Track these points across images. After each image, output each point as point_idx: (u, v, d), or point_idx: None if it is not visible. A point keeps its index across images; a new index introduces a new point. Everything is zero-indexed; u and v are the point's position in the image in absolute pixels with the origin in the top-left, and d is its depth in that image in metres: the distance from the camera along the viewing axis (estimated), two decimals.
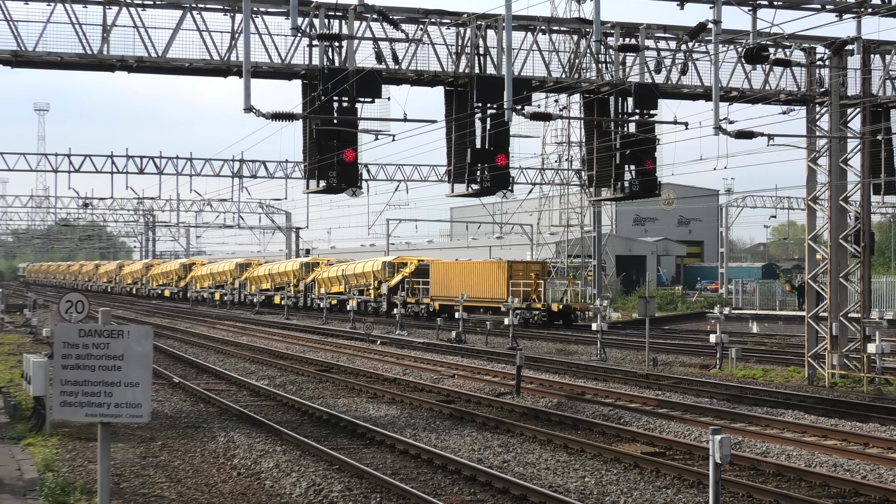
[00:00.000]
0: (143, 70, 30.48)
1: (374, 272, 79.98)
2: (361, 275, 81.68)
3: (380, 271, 79.40)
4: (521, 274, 65.65)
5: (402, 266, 79.01)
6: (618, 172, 33.43)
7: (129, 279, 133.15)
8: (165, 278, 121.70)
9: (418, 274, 75.97)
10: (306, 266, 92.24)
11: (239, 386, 34.83)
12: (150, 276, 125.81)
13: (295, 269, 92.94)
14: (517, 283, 64.95)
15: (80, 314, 26.95)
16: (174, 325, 66.56)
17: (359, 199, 70.30)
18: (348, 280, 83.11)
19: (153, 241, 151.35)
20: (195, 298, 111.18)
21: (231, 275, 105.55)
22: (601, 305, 47.85)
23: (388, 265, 79.57)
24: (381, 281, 78.52)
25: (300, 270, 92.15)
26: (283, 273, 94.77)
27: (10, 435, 23.60)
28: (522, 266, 67.07)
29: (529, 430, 24.71)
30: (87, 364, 12.54)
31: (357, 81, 29.91)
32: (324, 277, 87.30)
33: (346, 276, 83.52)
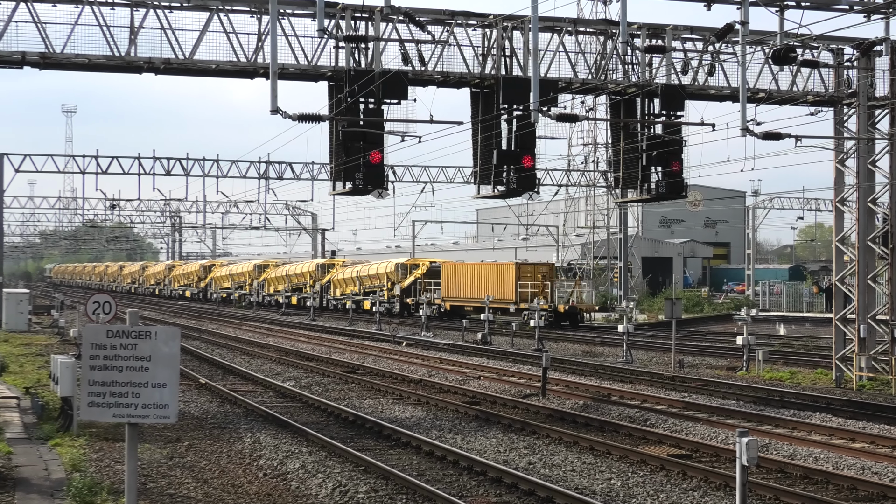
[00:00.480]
0: (170, 72, 30.59)
1: (387, 273, 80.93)
2: (375, 276, 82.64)
3: (393, 272, 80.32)
4: (529, 275, 66.53)
5: (415, 267, 79.92)
6: (644, 174, 33.34)
7: (152, 280, 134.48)
8: (186, 279, 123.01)
9: (430, 275, 77.00)
10: (322, 267, 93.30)
11: (265, 387, 34.91)
12: (172, 277, 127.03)
13: (311, 271, 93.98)
14: (525, 284, 65.84)
15: (107, 315, 27.06)
16: (200, 326, 66.77)
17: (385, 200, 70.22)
18: (363, 281, 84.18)
19: (179, 242, 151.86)
20: (215, 299, 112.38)
21: (249, 276, 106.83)
22: (627, 307, 47.71)
23: (400, 266, 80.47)
24: (394, 282, 79.48)
25: (316, 272, 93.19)
26: (300, 274, 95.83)
27: (38, 435, 23.72)
28: (530, 268, 68.01)
29: (555, 432, 24.68)
30: (114, 365, 12.59)
31: (383, 83, 29.94)
32: (339, 279, 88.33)
33: (361, 277, 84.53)
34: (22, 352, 46.89)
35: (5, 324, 61.62)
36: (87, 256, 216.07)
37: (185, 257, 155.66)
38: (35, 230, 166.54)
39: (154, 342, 12.59)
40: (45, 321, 69.23)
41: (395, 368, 39.73)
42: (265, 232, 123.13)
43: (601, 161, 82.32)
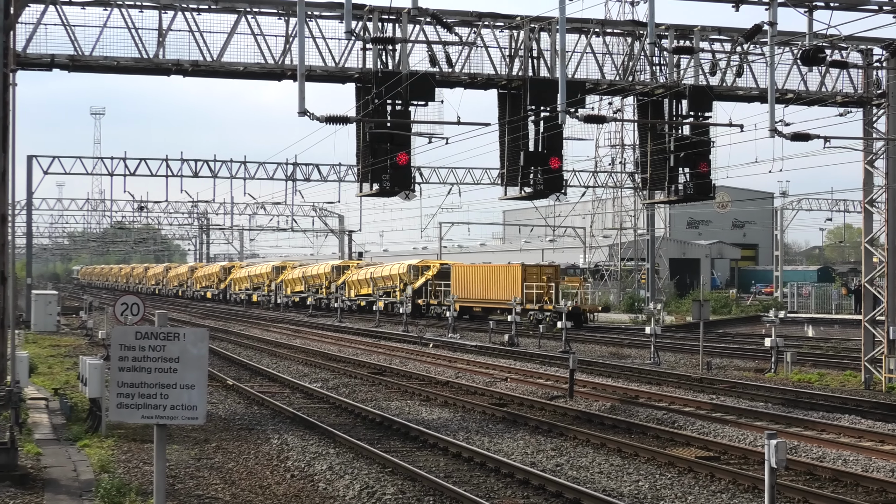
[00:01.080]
0: (198, 74, 30.69)
1: (399, 275, 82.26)
2: (388, 277, 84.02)
3: (405, 274, 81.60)
4: (535, 277, 67.75)
5: (426, 269, 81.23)
6: (672, 175, 33.26)
7: (175, 282, 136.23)
8: (207, 281, 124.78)
9: (440, 277, 78.40)
10: (337, 269, 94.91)
11: (292, 388, 34.98)
12: (194, 279, 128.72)
13: (327, 272, 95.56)
14: (531, 285, 66.98)
15: (135, 317, 27.17)
16: (228, 328, 66.97)
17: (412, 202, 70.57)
18: (376, 282, 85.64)
19: (207, 244, 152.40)
20: (234, 300, 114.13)
21: (267, 277, 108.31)
22: (654, 309, 47.56)
23: (412, 268, 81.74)
24: (406, 283, 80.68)
25: (332, 273, 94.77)
26: (316, 276, 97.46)
27: (67, 436, 23.84)
28: (536, 269, 69.26)
29: (583, 434, 24.64)
30: (143, 366, 12.66)
31: (410, 85, 29.97)
32: (353, 280, 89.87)
33: (374, 278, 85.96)
34: (50, 353, 47.13)
35: (34, 325, 61.99)
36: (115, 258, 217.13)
37: (212, 259, 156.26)
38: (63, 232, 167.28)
39: (182, 344, 12.65)
40: (73, 323, 69.56)
41: (422, 370, 39.76)
42: (292, 234, 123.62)
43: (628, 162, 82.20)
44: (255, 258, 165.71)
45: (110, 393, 12.90)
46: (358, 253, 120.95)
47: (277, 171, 79.84)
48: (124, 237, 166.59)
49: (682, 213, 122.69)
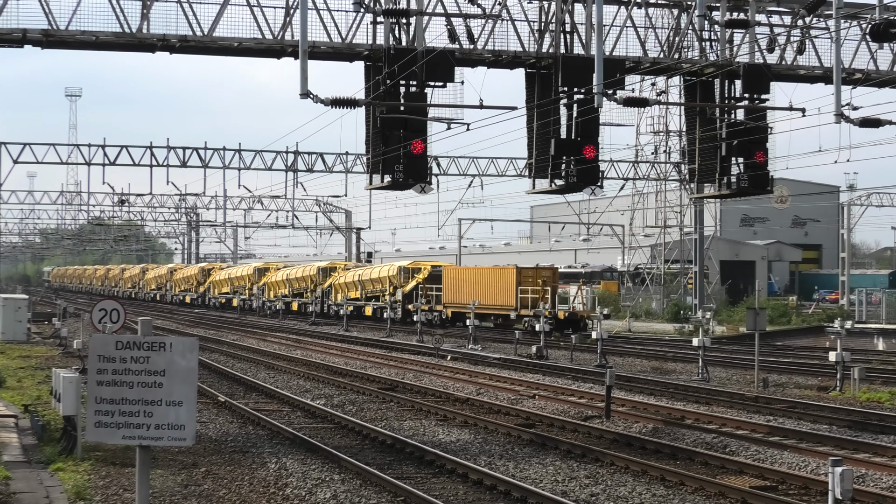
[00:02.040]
0: (187, 50, 30.78)
1: (389, 277, 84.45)
2: (378, 280, 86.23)
3: (395, 276, 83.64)
4: (531, 280, 69.65)
5: (417, 271, 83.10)
6: (723, 166, 33.23)
7: (153, 284, 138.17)
8: (186, 283, 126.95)
9: (432, 280, 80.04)
10: (324, 271, 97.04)
11: (292, 406, 35.05)
12: (173, 282, 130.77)
13: (312, 275, 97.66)
14: (526, 289, 68.94)
15: (115, 324, 27.27)
16: (220, 337, 67.12)
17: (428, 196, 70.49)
18: (364, 286, 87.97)
19: (196, 242, 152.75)
20: (213, 304, 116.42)
21: (249, 280, 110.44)
22: (703, 318, 47.50)
23: (403, 270, 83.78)
24: (396, 287, 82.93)
25: (317, 275, 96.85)
26: (301, 278, 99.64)
27: (38, 458, 23.93)
28: (532, 272, 71.39)
29: (621, 460, 24.63)
30: (124, 380, 12.69)
31: (427, 63, 30.00)
32: (340, 283, 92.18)
33: (363, 281, 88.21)
34: (20, 365, 47.32)
35: (2, 334, 62.15)
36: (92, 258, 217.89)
37: (202, 260, 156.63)
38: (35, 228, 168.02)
39: (169, 355, 12.68)
40: (45, 331, 69.79)
41: (439, 385, 39.78)
42: (293, 231, 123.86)
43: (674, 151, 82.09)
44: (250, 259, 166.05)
45: (87, 410, 12.95)
46: (367, 253, 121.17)
47: (276, 160, 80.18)
48: (103, 234, 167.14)
49: (734, 209, 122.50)
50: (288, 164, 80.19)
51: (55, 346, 58.24)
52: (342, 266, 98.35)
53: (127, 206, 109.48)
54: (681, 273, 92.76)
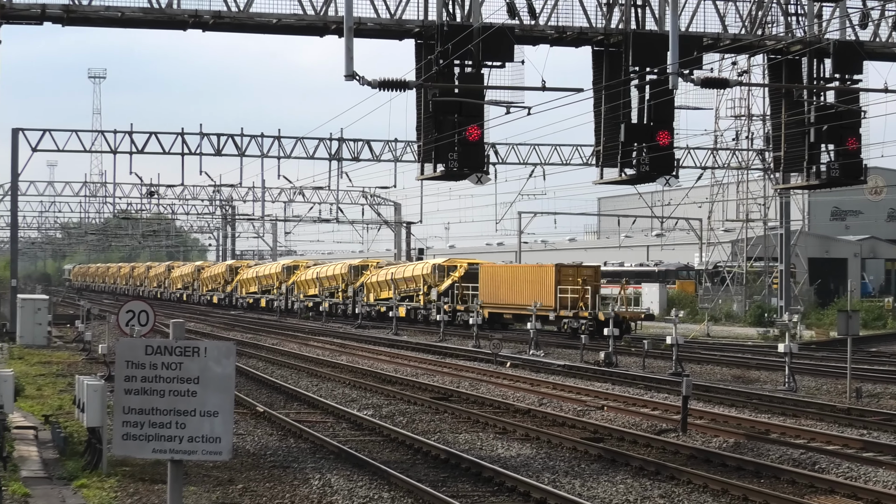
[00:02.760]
0: (221, 28, 30.89)
1: (423, 276, 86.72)
2: (411, 279, 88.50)
3: (430, 275, 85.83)
4: (571, 279, 71.43)
5: (452, 269, 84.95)
6: (812, 153, 33.05)
7: (179, 283, 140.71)
8: (213, 283, 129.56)
9: (468, 278, 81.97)
10: (355, 270, 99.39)
11: (337, 417, 35.15)
12: (201, 281, 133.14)
13: (343, 273, 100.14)
14: (565, 289, 70.71)
15: (143, 327, 27.43)
16: (258, 342, 67.39)
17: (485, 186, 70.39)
18: (397, 285, 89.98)
19: (232, 237, 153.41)
20: (240, 305, 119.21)
21: (277, 279, 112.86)
22: (789, 321, 47.29)
23: (437, 268, 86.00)
24: (430, 286, 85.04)
25: (349, 274, 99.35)
26: (332, 277, 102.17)
27: (60, 474, 24.10)
28: (572, 271, 72.91)
29: (699, 477, 24.55)
30: (155, 388, 12.75)
31: (483, 41, 30.00)
32: (372, 282, 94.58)
33: (396, 280, 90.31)
34: (40, 371, 47.72)
35: (20, 337, 62.64)
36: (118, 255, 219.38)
37: (239, 256, 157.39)
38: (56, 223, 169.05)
39: (204, 360, 12.72)
40: (67, 334, 70.33)
41: (498, 395, 39.80)
42: (337, 226, 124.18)
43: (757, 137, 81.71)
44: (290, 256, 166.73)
45: (114, 421, 13.02)
46: (418, 249, 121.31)
47: (319, 148, 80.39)
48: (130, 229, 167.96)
49: (824, 202, 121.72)
50: (332, 153, 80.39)
51: (78, 350, 58.67)
52: (374, 264, 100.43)
53: (156, 198, 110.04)
54: (765, 272, 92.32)
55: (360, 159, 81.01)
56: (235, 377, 13.06)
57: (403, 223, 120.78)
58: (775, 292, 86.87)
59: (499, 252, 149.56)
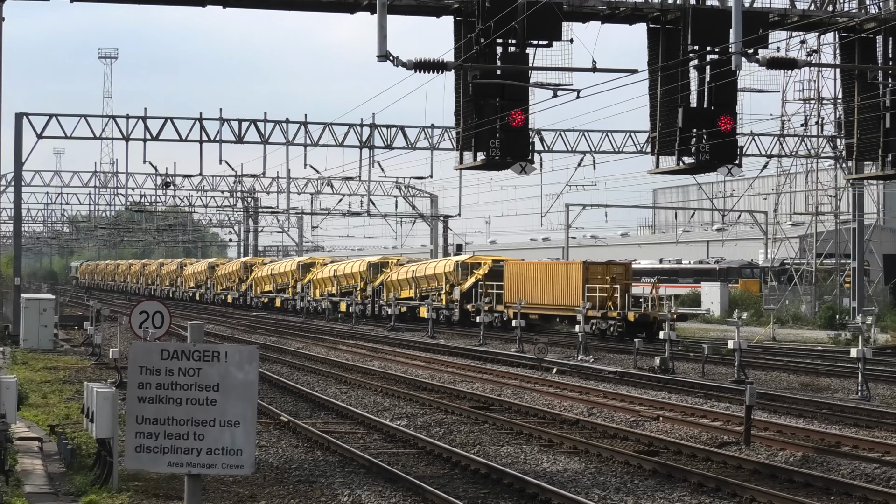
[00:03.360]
0: (243, 3, 30.99)
1: (445, 274, 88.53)
2: (433, 277, 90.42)
3: (452, 273, 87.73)
4: (600, 277, 72.92)
5: (476, 267, 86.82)
6: (887, 140, 32.91)
7: (192, 282, 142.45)
8: (227, 281, 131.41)
9: (492, 276, 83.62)
10: (374, 267, 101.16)
11: (368, 427, 35.20)
12: (215, 279, 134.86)
13: (362, 271, 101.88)
14: (594, 287, 71.94)
15: (158, 329, 27.52)
16: (282, 345, 67.54)
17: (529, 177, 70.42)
18: (419, 283, 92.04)
19: (255, 232, 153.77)
20: (255, 304, 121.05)
21: (292, 276, 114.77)
22: (863, 324, 47.07)
23: (460, 266, 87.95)
24: (452, 284, 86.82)
25: (367, 272, 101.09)
26: (350, 275, 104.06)
27: (67, 490, 24.17)
28: (601, 268, 74.57)
29: (763, 495, 24.49)
30: (171, 396, 12.80)
31: (528, 18, 29.98)
32: (392, 280, 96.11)
33: (417, 278, 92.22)
34: (45, 378, 47.90)
35: (24, 340, 62.83)
36: (130, 251, 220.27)
37: (262, 252, 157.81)
38: (63, 216, 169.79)
39: (224, 366, 12.77)
40: (75, 337, 70.60)
41: (543, 404, 39.78)
42: (369, 220, 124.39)
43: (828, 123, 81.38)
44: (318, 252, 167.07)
45: (126, 432, 13.07)
46: (456, 245, 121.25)
47: (349, 135, 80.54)
48: (144, 223, 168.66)
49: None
50: (362, 140, 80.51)
51: (87, 355, 58.89)
52: (394, 261, 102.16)
53: (172, 189, 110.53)
54: (836, 270, 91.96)
55: (394, 147, 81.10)
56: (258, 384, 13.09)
57: (440, 217, 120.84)
58: (847, 292, 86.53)
59: (544, 248, 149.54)
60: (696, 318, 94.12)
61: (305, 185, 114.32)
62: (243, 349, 12.85)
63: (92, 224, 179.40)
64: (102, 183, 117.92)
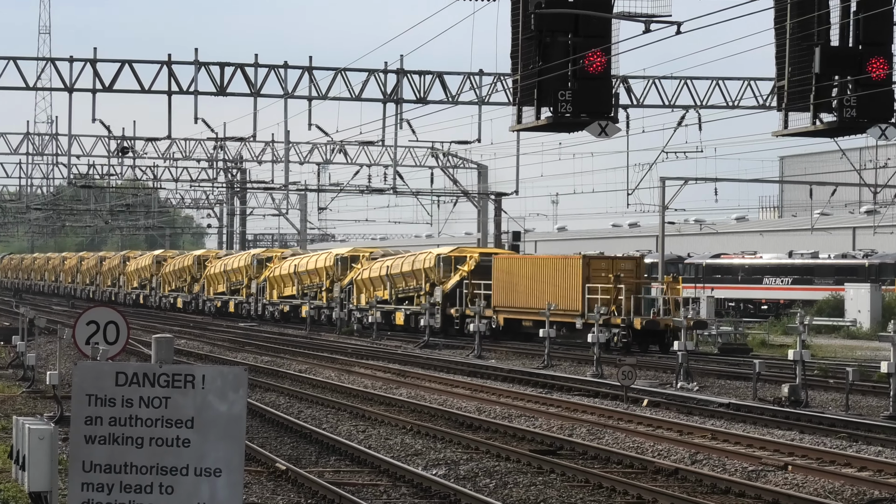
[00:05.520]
0: None
1: (424, 270, 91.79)
2: (410, 274, 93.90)
3: (432, 269, 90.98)
4: (604, 275, 75.77)
5: (461, 262, 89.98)
6: None
7: (135, 280, 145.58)
8: (177, 279, 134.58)
9: (479, 273, 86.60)
10: (342, 262, 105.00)
11: (393, 477, 35.28)
12: (162, 277, 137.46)
13: (328, 266, 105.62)
14: (595, 288, 74.71)
15: (111, 345, 27.58)
16: (278, 367, 67.75)
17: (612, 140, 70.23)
18: (394, 282, 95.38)
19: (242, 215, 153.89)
20: (208, 310, 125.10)
21: (246, 273, 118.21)
22: None
23: (442, 260, 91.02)
24: (433, 283, 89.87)
25: (335, 268, 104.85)
26: (314, 272, 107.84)
27: None
28: (606, 264, 77.97)
29: None
30: (129, 435, 12.85)
31: None
32: (364, 278, 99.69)
33: (392, 275, 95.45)
34: None
35: None
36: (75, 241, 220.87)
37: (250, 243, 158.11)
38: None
39: (202, 395, 12.81)
40: (1, 356, 70.80)
41: (630, 447, 39.78)
42: (395, 199, 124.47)
43: None
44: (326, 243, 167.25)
45: (69, 484, 13.12)
46: (512, 234, 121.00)
47: (369, 84, 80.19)
48: (93, 203, 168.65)
49: None
50: (387, 92, 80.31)
51: (17, 380, 59.09)
52: (367, 254, 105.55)
53: (131, 157, 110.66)
54: None
55: (429, 101, 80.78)
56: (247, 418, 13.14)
57: (491, 195, 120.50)
58: None
59: (630, 237, 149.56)
60: (838, 333, 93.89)
61: (310, 153, 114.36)
62: (227, 372, 12.88)
63: (23, 204, 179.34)
64: (37, 149, 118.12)
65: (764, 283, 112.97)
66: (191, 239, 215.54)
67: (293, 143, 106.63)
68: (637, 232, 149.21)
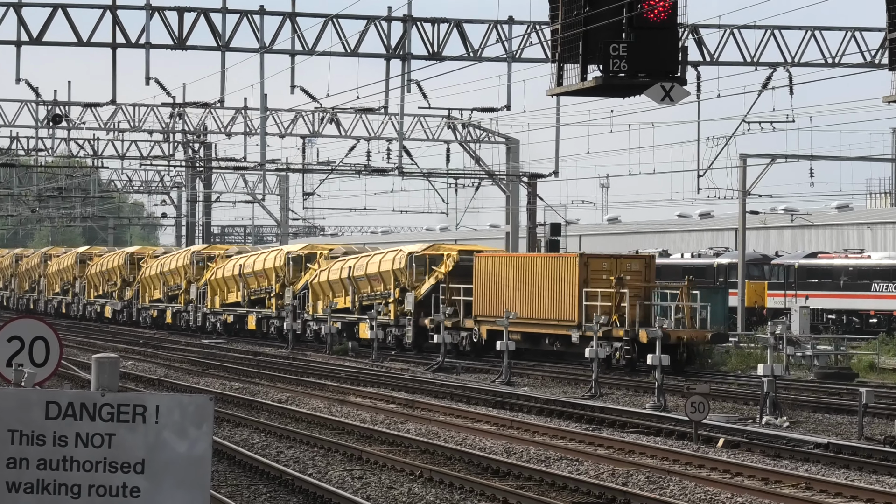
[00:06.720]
0: None
1: (394, 272, 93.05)
2: (376, 277, 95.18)
3: (403, 270, 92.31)
4: (605, 278, 77.39)
5: (437, 261, 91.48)
6: None
7: (58, 284, 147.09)
8: (105, 283, 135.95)
9: (458, 275, 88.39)
10: (295, 261, 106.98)
11: None
12: (87, 280, 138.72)
13: (278, 267, 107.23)
14: (594, 293, 76.47)
15: (40, 367, 27.64)
16: (251, 396, 67.91)
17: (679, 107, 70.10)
18: (357, 286, 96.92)
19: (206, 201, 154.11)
20: (144, 321, 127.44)
21: (185, 275, 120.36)
22: None
23: (415, 260, 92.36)
24: (403, 287, 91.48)
25: (285, 269, 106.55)
26: (261, 273, 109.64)
27: None
28: (608, 263, 79.44)
29: None
30: (63, 481, 12.90)
31: None
32: (321, 282, 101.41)
33: (355, 278, 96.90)
34: None
35: None
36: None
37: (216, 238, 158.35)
38: None
39: (155, 430, 12.84)
40: None
41: (702, 499, 39.83)
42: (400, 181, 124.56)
43: None
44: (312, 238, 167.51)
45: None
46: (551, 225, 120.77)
47: (367, 35, 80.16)
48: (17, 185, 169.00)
49: None
50: (390, 45, 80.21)
51: None
52: (326, 252, 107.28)
53: (66, 127, 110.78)
54: None
55: (444, 57, 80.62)
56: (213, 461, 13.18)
57: (523, 177, 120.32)
58: None
59: (701, 230, 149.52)
60: None
61: (293, 123, 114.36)
62: (187, 402, 12.91)
63: None
64: None
65: (873, 290, 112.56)
66: (140, 232, 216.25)
67: (271, 111, 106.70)
68: (710, 224, 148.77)
